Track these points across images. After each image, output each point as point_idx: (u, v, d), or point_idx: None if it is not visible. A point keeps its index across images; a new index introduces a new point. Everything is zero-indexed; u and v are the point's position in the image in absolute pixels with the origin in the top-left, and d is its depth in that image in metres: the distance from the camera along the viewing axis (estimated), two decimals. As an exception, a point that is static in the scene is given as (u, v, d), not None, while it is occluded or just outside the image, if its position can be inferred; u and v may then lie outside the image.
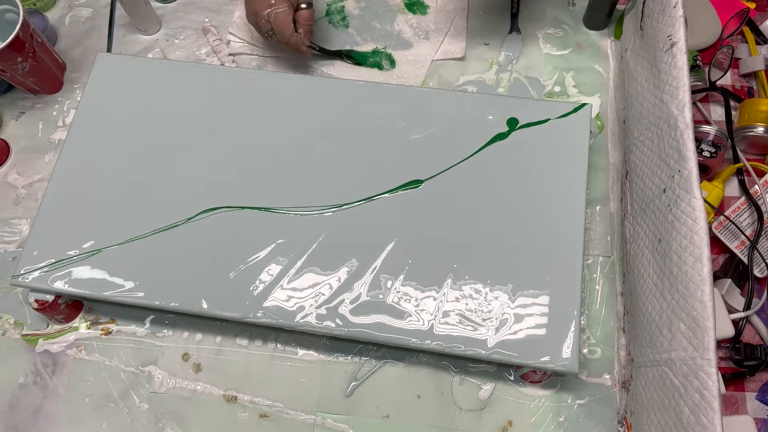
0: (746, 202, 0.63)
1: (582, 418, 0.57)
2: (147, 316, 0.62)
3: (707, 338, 0.43)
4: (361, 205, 0.59)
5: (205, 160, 0.61)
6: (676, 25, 0.53)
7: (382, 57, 0.73)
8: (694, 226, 0.46)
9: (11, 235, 0.66)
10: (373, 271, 0.56)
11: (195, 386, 0.59)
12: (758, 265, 0.60)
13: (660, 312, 0.50)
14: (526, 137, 0.61)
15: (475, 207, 0.58)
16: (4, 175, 0.69)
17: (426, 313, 0.54)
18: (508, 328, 0.54)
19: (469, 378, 0.59)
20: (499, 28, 0.75)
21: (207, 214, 0.59)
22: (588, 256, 0.63)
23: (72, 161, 0.62)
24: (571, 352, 0.52)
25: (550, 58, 0.73)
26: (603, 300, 0.62)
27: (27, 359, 0.61)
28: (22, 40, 0.64)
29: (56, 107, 0.73)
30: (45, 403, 0.59)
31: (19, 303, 0.63)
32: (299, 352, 0.60)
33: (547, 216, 0.58)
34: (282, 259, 0.57)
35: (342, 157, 0.61)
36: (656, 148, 0.54)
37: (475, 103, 0.63)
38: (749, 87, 0.71)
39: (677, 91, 0.51)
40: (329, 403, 0.58)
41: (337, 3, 0.76)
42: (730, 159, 0.65)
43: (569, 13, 0.75)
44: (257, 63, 0.74)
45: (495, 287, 0.55)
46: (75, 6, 0.79)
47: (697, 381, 0.43)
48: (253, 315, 0.55)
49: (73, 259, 0.57)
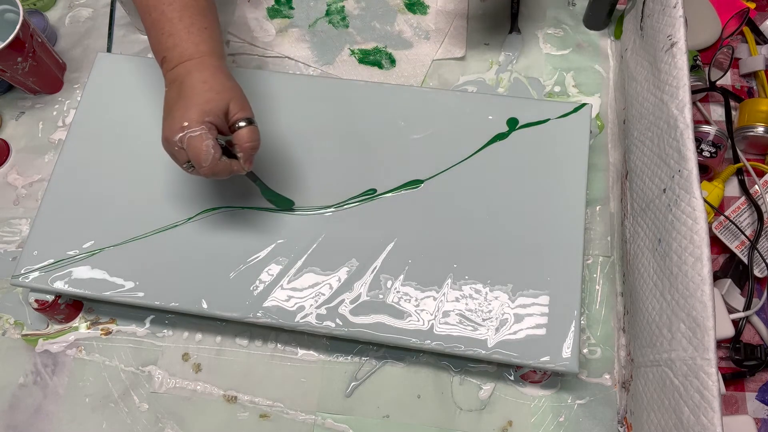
0: (746, 202, 0.63)
1: (582, 418, 0.57)
2: (147, 316, 0.62)
3: (707, 338, 0.43)
4: (361, 205, 0.59)
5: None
6: (676, 25, 0.53)
7: (382, 56, 0.73)
8: (694, 226, 0.46)
9: (11, 235, 0.66)
10: (373, 271, 0.56)
11: (195, 386, 0.59)
12: (758, 265, 0.60)
13: (660, 312, 0.50)
14: (526, 137, 0.61)
15: (475, 207, 0.58)
16: (4, 175, 0.69)
17: (426, 313, 0.54)
18: (508, 328, 0.54)
19: (469, 378, 0.59)
20: (499, 28, 0.75)
21: (207, 214, 0.59)
22: (588, 256, 0.63)
23: (72, 161, 0.62)
24: (571, 352, 0.52)
25: (550, 58, 0.73)
26: (603, 300, 0.62)
27: (27, 359, 0.61)
28: (22, 40, 0.64)
29: (56, 107, 0.73)
30: (45, 403, 0.59)
31: (19, 303, 0.63)
32: (299, 352, 0.60)
33: (547, 216, 0.58)
34: (282, 259, 0.57)
35: (342, 157, 0.61)
36: (656, 148, 0.54)
37: (475, 103, 0.63)
38: (749, 87, 0.71)
39: (677, 91, 0.51)
40: (329, 403, 0.58)
41: (337, 3, 0.76)
42: (730, 159, 0.65)
43: (569, 13, 0.75)
44: (257, 63, 0.74)
45: (495, 287, 0.55)
46: (75, 6, 0.79)
47: (697, 381, 0.43)
48: (253, 315, 0.55)
49: (73, 259, 0.57)
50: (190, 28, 0.51)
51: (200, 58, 0.50)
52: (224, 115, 0.49)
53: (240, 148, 0.50)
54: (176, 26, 0.50)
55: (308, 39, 0.75)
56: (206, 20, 0.52)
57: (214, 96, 0.48)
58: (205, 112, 0.47)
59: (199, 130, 0.47)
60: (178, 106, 0.48)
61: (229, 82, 0.50)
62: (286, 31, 0.75)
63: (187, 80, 0.49)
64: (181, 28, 0.50)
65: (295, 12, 0.76)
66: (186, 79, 0.49)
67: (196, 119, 0.47)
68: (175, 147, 0.48)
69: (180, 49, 0.50)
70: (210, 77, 0.49)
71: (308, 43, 0.74)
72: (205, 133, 0.47)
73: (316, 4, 0.76)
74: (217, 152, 0.48)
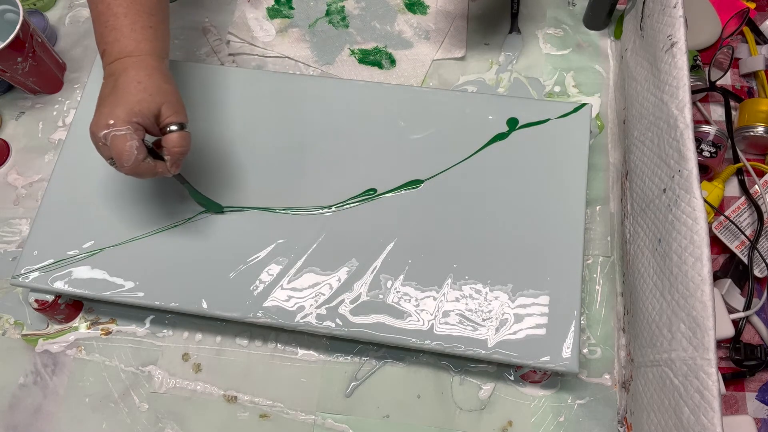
0: (746, 202, 0.63)
1: (582, 418, 0.57)
2: (147, 316, 0.62)
3: (707, 338, 0.43)
4: (361, 205, 0.59)
5: (205, 159, 0.61)
6: (676, 25, 0.53)
7: (382, 56, 0.73)
8: (694, 226, 0.46)
9: (11, 235, 0.66)
10: (373, 271, 0.56)
11: (195, 386, 0.59)
12: (758, 265, 0.60)
13: (660, 312, 0.50)
14: (526, 137, 0.61)
15: (475, 207, 0.58)
16: (4, 175, 0.69)
17: (426, 313, 0.54)
18: (508, 328, 0.54)
19: (469, 378, 0.59)
20: (499, 28, 0.75)
21: (207, 214, 0.59)
22: (588, 256, 0.63)
23: (72, 161, 0.62)
24: (571, 352, 0.52)
25: (550, 58, 0.73)
26: (603, 300, 0.62)
27: (27, 359, 0.61)
28: (22, 40, 0.64)
29: (56, 107, 0.73)
30: (45, 403, 0.59)
31: (19, 303, 0.63)
32: (299, 352, 0.60)
33: (547, 216, 0.58)
34: (282, 259, 0.57)
35: (342, 157, 0.61)
36: (656, 148, 0.54)
37: (475, 103, 0.63)
38: (749, 87, 0.71)
39: (677, 91, 0.51)
40: (329, 403, 0.58)
41: (337, 3, 0.76)
42: (730, 159, 0.65)
43: (569, 13, 0.75)
44: (257, 63, 0.74)
45: (495, 287, 0.55)
46: (75, 6, 0.79)
47: (697, 381, 0.43)
48: (253, 315, 0.55)
49: (73, 259, 0.57)
50: (134, 25, 0.50)
51: (139, 57, 0.50)
52: (154, 117, 0.49)
53: (167, 152, 0.49)
54: (120, 21, 0.50)
55: (308, 39, 0.75)
56: (153, 19, 0.52)
57: (146, 97, 0.48)
58: (134, 112, 0.47)
59: (125, 130, 0.47)
60: (107, 102, 0.48)
61: (165, 84, 0.50)
62: (286, 31, 0.75)
63: (122, 77, 0.49)
64: (125, 23, 0.50)
65: (295, 12, 0.76)
66: (121, 75, 0.49)
67: (123, 118, 0.47)
68: (99, 143, 0.48)
69: (120, 45, 0.50)
70: (145, 77, 0.49)
71: (308, 43, 0.74)
72: (130, 134, 0.47)
73: (316, 4, 0.76)
74: (140, 153, 0.47)
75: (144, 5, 0.51)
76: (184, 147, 0.50)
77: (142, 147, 0.48)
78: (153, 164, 0.49)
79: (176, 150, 0.49)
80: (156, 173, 0.50)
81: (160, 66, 0.51)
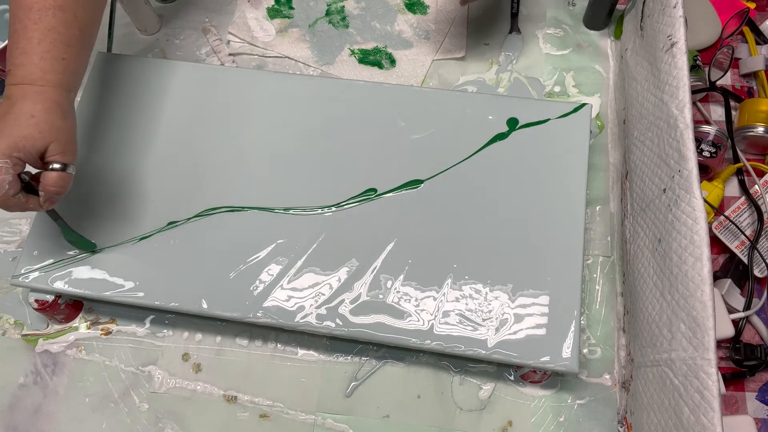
0: (746, 202, 0.63)
1: (582, 418, 0.57)
2: (147, 316, 0.62)
3: (707, 338, 0.43)
4: (361, 205, 0.59)
5: (205, 160, 0.61)
6: (676, 25, 0.53)
7: (382, 56, 0.73)
8: (694, 226, 0.46)
9: (11, 235, 0.66)
10: (373, 271, 0.56)
11: (195, 386, 0.59)
12: (758, 265, 0.60)
13: (660, 312, 0.50)
14: (526, 137, 0.61)
15: (475, 207, 0.58)
16: (4, 175, 0.69)
17: (426, 313, 0.54)
18: (508, 328, 0.54)
19: (469, 378, 0.59)
20: (499, 28, 0.75)
21: (207, 214, 0.59)
22: (588, 256, 0.63)
23: (72, 161, 0.62)
24: (571, 352, 0.52)
25: (550, 58, 0.73)
26: (603, 300, 0.62)
27: (27, 359, 0.61)
28: (22, 40, 0.64)
29: (56, 107, 0.73)
30: (45, 403, 0.59)
31: (19, 303, 0.63)
32: (299, 352, 0.60)
33: (547, 216, 0.58)
34: (282, 259, 0.57)
35: (342, 157, 0.61)
36: (656, 148, 0.54)
37: (475, 103, 0.63)
38: (749, 87, 0.71)
39: (677, 91, 0.51)
40: (329, 403, 0.58)
41: (337, 3, 0.76)
42: (730, 159, 0.65)
43: (569, 13, 0.75)
44: (257, 63, 0.74)
45: (495, 287, 0.55)
46: (75, 6, 0.78)
47: (697, 381, 0.43)
48: (253, 315, 0.55)
49: (73, 259, 0.57)
50: (45, 54, 0.49)
51: (42, 87, 0.48)
52: (39, 154, 0.48)
53: (43, 189, 0.48)
54: (32, 47, 0.48)
55: (308, 39, 0.75)
56: (69, 51, 0.50)
57: (35, 134, 0.47)
58: (18, 147, 0.46)
59: (2, 163, 0.46)
60: None
61: (59, 121, 0.48)
62: (286, 31, 0.75)
63: (17, 105, 0.47)
64: (36, 51, 0.48)
65: (295, 12, 0.76)
66: (17, 103, 0.47)
67: (4, 151, 0.46)
68: None
69: (26, 70, 0.48)
70: (41, 111, 0.47)
71: (308, 43, 0.74)
72: (6, 168, 0.46)
73: (316, 4, 0.76)
74: (12, 189, 0.46)
75: (62, 35, 0.49)
76: (62, 188, 0.49)
77: (15, 182, 0.47)
78: (24, 200, 0.48)
79: (52, 189, 0.48)
80: (26, 209, 0.49)
81: (61, 100, 0.49)
